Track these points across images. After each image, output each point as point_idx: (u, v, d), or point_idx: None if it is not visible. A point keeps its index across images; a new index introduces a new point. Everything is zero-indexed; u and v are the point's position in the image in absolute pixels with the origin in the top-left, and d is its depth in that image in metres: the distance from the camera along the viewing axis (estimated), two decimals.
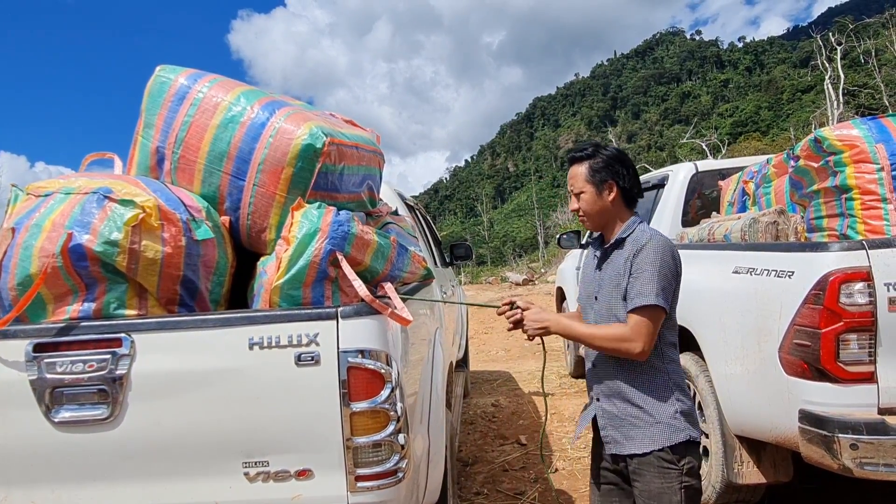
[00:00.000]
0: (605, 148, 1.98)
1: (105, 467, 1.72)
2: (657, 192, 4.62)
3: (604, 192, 1.94)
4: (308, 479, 1.73)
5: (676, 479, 1.83)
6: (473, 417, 5.62)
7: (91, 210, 1.83)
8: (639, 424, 1.87)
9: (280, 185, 2.02)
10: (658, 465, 1.83)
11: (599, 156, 1.95)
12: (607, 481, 2.04)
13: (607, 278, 1.95)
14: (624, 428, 1.90)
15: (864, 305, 2.24)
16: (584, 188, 1.96)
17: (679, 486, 1.83)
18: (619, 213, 1.97)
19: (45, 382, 1.69)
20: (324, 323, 1.71)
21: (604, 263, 1.99)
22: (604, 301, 1.94)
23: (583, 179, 1.96)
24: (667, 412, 1.86)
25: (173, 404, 1.70)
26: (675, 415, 1.86)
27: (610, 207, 1.95)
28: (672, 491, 1.82)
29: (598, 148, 1.98)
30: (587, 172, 1.95)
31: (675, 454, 1.83)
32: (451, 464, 2.86)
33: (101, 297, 1.83)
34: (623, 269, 1.88)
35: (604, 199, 1.95)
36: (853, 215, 2.58)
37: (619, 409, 1.92)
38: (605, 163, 1.94)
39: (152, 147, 2.15)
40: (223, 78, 2.19)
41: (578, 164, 1.98)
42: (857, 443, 2.20)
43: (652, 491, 1.84)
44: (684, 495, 1.83)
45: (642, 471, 1.86)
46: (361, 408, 1.70)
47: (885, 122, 2.60)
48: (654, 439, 1.85)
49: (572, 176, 2.00)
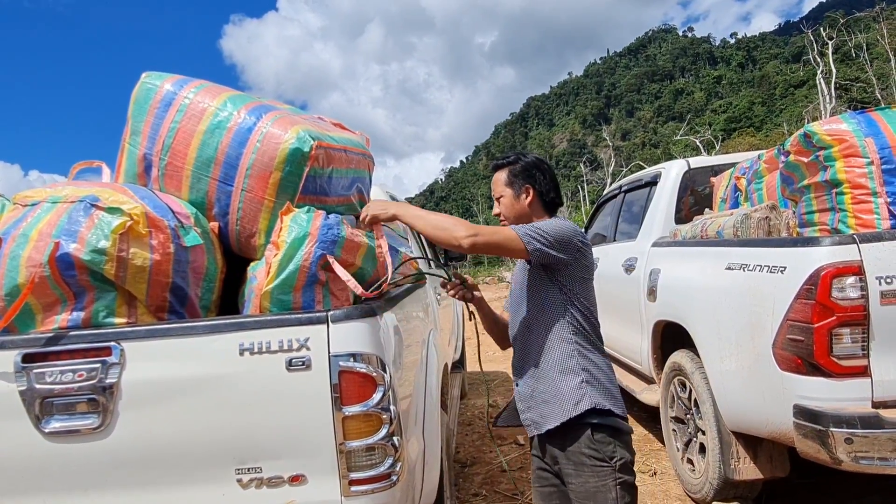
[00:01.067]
0: (524, 156, 2.12)
1: (97, 477, 1.71)
2: (650, 190, 4.62)
3: (521, 196, 2.07)
4: (301, 484, 1.72)
5: (610, 475, 1.85)
6: (471, 418, 5.61)
7: (78, 218, 1.81)
8: (549, 400, 1.92)
9: (268, 190, 2.01)
10: (591, 463, 1.86)
11: (519, 162, 2.09)
12: (547, 483, 2.07)
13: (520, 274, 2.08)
14: (538, 407, 1.96)
15: (857, 299, 2.24)
16: (504, 192, 2.09)
17: (613, 482, 1.85)
18: (536, 216, 2.07)
19: (35, 393, 1.68)
20: (314, 327, 1.70)
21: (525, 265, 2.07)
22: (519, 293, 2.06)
23: (502, 184, 2.09)
24: (571, 383, 1.90)
25: (164, 412, 1.69)
26: (581, 384, 1.90)
27: (527, 210, 2.07)
28: (607, 489, 1.85)
29: (520, 156, 2.12)
30: (506, 177, 2.09)
31: (606, 449, 1.86)
32: (447, 465, 2.86)
33: (90, 305, 1.82)
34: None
35: (521, 202, 2.07)
36: (844, 209, 2.58)
37: (531, 389, 1.99)
38: (523, 168, 2.07)
39: (139, 154, 2.14)
40: (209, 83, 2.18)
41: (500, 170, 2.11)
42: (851, 437, 2.21)
43: (587, 490, 1.86)
44: (619, 492, 1.85)
45: (576, 471, 1.89)
46: (354, 412, 1.69)
47: (874, 117, 2.60)
48: (563, 411, 1.89)
49: (494, 182, 2.13)
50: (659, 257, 3.92)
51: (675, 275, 3.58)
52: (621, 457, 1.88)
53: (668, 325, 3.65)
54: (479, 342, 2.31)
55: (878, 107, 2.73)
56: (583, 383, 1.90)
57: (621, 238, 4.91)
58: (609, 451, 1.87)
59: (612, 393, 1.94)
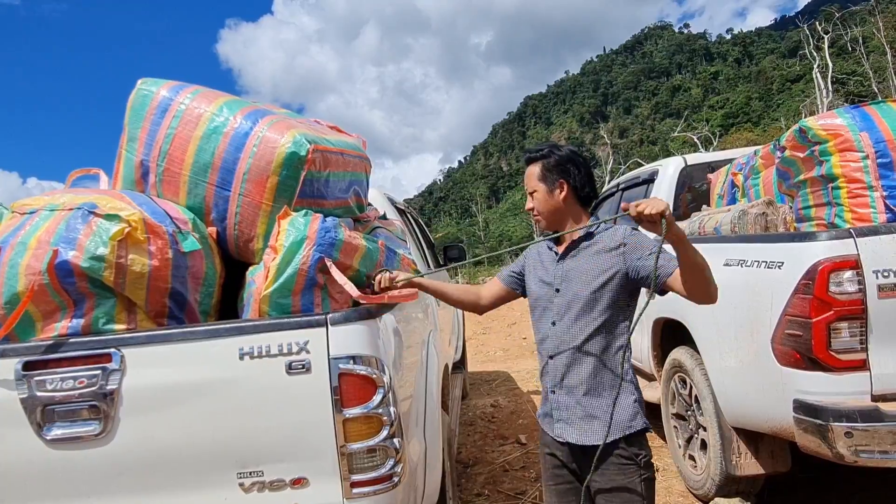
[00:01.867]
0: (559, 148, 2.02)
1: (99, 483, 1.71)
2: (647, 187, 4.63)
3: (555, 191, 1.98)
4: (303, 487, 1.73)
5: (636, 472, 1.86)
6: (473, 418, 5.62)
7: (76, 226, 1.82)
8: (600, 416, 1.88)
9: (266, 194, 2.01)
10: (617, 462, 1.86)
11: (553, 156, 1.99)
12: (563, 481, 2.03)
13: (577, 271, 1.94)
14: (582, 421, 1.91)
15: (854, 293, 2.24)
16: (537, 187, 2.00)
17: (639, 479, 1.86)
18: (571, 212, 2.00)
19: (36, 400, 1.68)
20: (313, 330, 1.71)
21: (567, 257, 1.98)
22: (570, 292, 1.94)
23: (535, 179, 2.00)
24: (627, 401, 1.89)
25: (165, 417, 1.70)
26: (634, 404, 1.89)
27: (562, 206, 1.99)
28: (633, 485, 1.86)
29: (553, 148, 2.02)
30: (540, 172, 2.00)
31: (631, 449, 1.87)
32: (449, 466, 2.86)
33: (90, 312, 1.83)
34: (608, 261, 1.89)
35: (555, 197, 1.98)
36: (840, 204, 2.59)
37: (576, 400, 1.92)
38: (557, 162, 1.98)
39: (136, 160, 2.15)
40: (205, 89, 2.19)
41: (533, 164, 2.02)
42: (851, 430, 2.21)
43: (613, 488, 1.86)
44: (644, 487, 1.87)
45: (602, 468, 1.87)
46: (354, 414, 1.69)
47: (868, 111, 2.60)
48: (616, 429, 1.86)
49: (527, 176, 2.04)
50: None
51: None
52: (646, 454, 1.89)
53: (668, 322, 3.65)
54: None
55: (872, 101, 2.74)
56: (636, 402, 1.90)
57: None
58: (635, 449, 1.87)
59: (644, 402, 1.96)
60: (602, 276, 1.89)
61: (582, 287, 1.91)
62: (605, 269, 1.89)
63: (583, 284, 1.91)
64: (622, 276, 1.89)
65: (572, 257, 1.96)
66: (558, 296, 1.96)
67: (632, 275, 1.88)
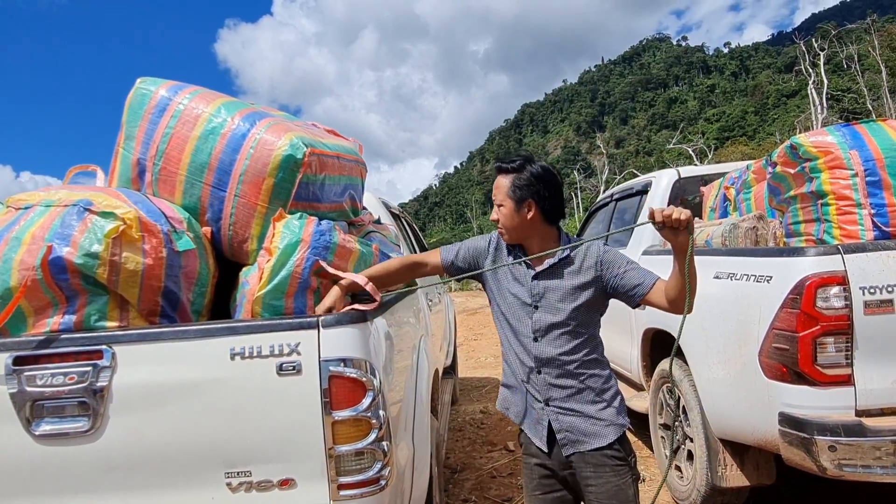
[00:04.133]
0: (532, 164, 1.95)
1: (87, 480, 1.71)
2: (640, 199, 4.66)
3: (522, 210, 1.92)
4: (291, 488, 1.73)
5: (628, 473, 1.92)
6: (462, 424, 5.62)
7: (71, 222, 1.83)
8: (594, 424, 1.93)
9: (261, 196, 2.03)
10: (612, 464, 1.90)
11: (525, 171, 1.93)
12: (551, 489, 2.03)
13: (557, 290, 1.94)
14: (577, 429, 1.93)
15: (840, 309, 2.27)
16: (504, 202, 1.94)
17: (630, 479, 1.92)
18: (538, 231, 1.97)
19: (26, 395, 1.68)
20: (305, 332, 1.71)
21: (545, 277, 1.96)
22: (551, 308, 1.94)
23: (504, 193, 1.94)
24: (614, 405, 1.96)
25: (155, 416, 1.70)
26: (621, 404, 1.98)
27: (528, 224, 1.95)
28: (626, 485, 1.91)
29: (526, 163, 1.95)
30: (509, 186, 1.93)
31: (624, 449, 1.93)
32: (437, 471, 2.87)
33: (82, 309, 1.83)
34: (585, 279, 1.94)
35: (522, 216, 1.93)
36: (829, 220, 2.62)
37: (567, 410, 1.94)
38: (527, 181, 1.92)
39: (133, 159, 2.15)
40: (204, 89, 2.20)
41: (503, 175, 1.96)
42: (835, 444, 2.23)
43: (609, 490, 1.89)
44: (634, 488, 1.93)
45: (599, 473, 1.91)
46: (343, 416, 1.70)
47: (858, 129, 2.64)
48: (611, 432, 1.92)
49: (496, 186, 1.98)
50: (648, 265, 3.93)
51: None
52: (632, 454, 1.96)
53: (658, 332, 3.68)
54: None
55: (863, 119, 2.78)
56: (622, 402, 1.98)
57: (612, 246, 4.94)
58: (627, 449, 1.94)
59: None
60: (583, 294, 1.93)
61: (563, 304, 1.93)
62: (584, 287, 1.94)
63: (563, 302, 1.93)
64: (600, 291, 1.96)
65: (549, 275, 1.96)
66: (538, 312, 1.96)
67: (609, 291, 1.96)
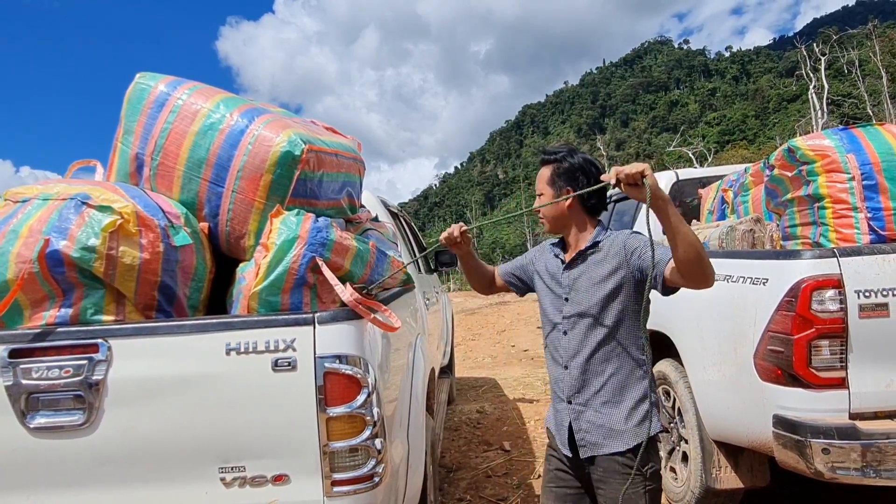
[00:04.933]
0: (573, 155, 1.98)
1: (81, 473, 1.71)
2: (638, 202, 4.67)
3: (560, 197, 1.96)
4: (284, 483, 1.73)
5: (641, 483, 1.84)
6: (458, 424, 5.63)
7: (68, 216, 1.83)
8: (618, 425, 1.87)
9: (259, 192, 2.03)
10: (623, 471, 1.84)
11: (565, 161, 1.97)
12: (564, 485, 2.02)
13: (585, 279, 1.93)
14: (600, 430, 1.89)
15: (836, 312, 2.28)
16: (545, 191, 2.00)
17: (643, 489, 1.85)
18: (576, 220, 1.99)
19: (21, 388, 1.68)
20: (301, 328, 1.72)
21: (574, 266, 1.97)
22: (580, 300, 1.92)
23: (545, 182, 2.00)
24: (643, 408, 1.88)
25: (150, 410, 1.70)
26: (651, 408, 1.88)
27: (566, 213, 1.98)
28: (637, 496, 1.84)
29: (568, 154, 1.99)
30: (550, 175, 1.99)
31: (640, 458, 1.84)
32: (432, 469, 2.87)
33: (78, 302, 1.83)
34: (611, 266, 1.88)
35: (560, 204, 1.97)
36: (825, 224, 2.63)
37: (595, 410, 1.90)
38: (567, 169, 1.96)
39: (131, 153, 2.16)
40: (203, 85, 2.21)
41: (546, 166, 2.01)
42: (828, 447, 2.24)
43: (617, 498, 1.84)
44: (649, 499, 1.85)
45: (608, 478, 1.87)
46: (338, 413, 1.70)
47: (856, 133, 2.65)
48: (635, 436, 1.85)
49: (538, 176, 2.03)
50: None
51: None
52: (653, 465, 1.87)
53: (653, 334, 3.68)
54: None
55: (860, 124, 2.79)
56: (653, 407, 1.88)
57: None
58: (645, 459, 1.85)
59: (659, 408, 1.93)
60: (609, 282, 1.88)
61: (591, 295, 1.90)
62: (610, 275, 1.88)
63: (591, 292, 1.90)
64: (629, 279, 1.88)
65: (579, 266, 1.96)
66: (567, 304, 1.96)
67: (637, 276, 1.87)
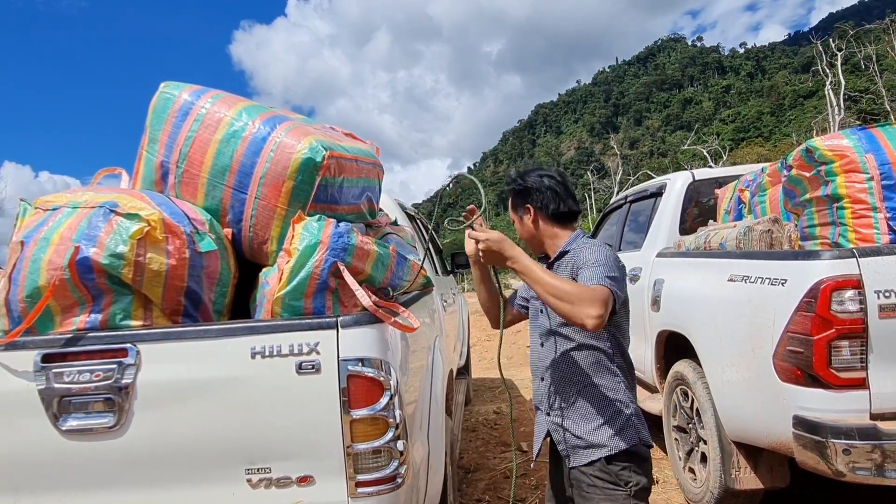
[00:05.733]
0: (524, 177, 2.02)
1: (111, 475, 1.76)
2: (655, 201, 4.66)
3: (524, 218, 2.02)
4: (309, 485, 1.77)
5: (622, 499, 1.81)
6: (475, 424, 5.65)
7: (97, 224, 1.88)
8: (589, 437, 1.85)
9: (281, 198, 2.06)
10: (602, 486, 1.82)
11: (517, 185, 2.03)
12: (555, 485, 2.05)
13: None
14: (573, 441, 1.88)
15: (855, 312, 2.27)
16: (513, 217, 2.07)
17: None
18: (546, 234, 2.01)
19: (53, 392, 1.73)
20: (324, 332, 1.75)
21: None
22: (549, 313, 1.93)
23: (511, 210, 2.08)
24: (618, 421, 1.84)
25: (178, 412, 1.74)
26: (627, 420, 1.85)
27: (534, 230, 2.02)
28: None
29: (519, 178, 2.03)
30: (511, 203, 2.06)
31: (612, 469, 1.82)
32: (451, 470, 2.90)
33: (108, 308, 1.88)
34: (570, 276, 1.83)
35: (526, 224, 2.02)
36: (844, 224, 2.62)
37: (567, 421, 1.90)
38: (520, 192, 2.02)
39: (157, 162, 2.20)
40: (226, 94, 2.25)
41: (509, 196, 2.07)
42: (849, 448, 2.23)
43: None
44: None
45: (583, 490, 1.85)
46: (361, 415, 1.73)
47: (874, 133, 2.64)
48: (604, 449, 1.83)
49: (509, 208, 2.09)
50: (663, 268, 3.96)
51: (678, 285, 3.62)
52: (637, 482, 1.82)
53: (672, 334, 3.68)
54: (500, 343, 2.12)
55: (878, 123, 2.77)
56: (629, 419, 1.85)
57: (626, 248, 4.95)
58: (625, 476, 1.82)
59: (643, 421, 1.89)
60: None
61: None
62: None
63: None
64: None
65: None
66: (542, 316, 1.99)
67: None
